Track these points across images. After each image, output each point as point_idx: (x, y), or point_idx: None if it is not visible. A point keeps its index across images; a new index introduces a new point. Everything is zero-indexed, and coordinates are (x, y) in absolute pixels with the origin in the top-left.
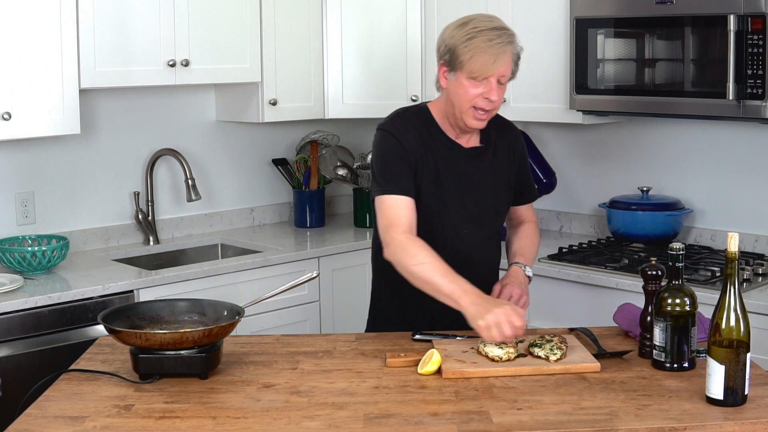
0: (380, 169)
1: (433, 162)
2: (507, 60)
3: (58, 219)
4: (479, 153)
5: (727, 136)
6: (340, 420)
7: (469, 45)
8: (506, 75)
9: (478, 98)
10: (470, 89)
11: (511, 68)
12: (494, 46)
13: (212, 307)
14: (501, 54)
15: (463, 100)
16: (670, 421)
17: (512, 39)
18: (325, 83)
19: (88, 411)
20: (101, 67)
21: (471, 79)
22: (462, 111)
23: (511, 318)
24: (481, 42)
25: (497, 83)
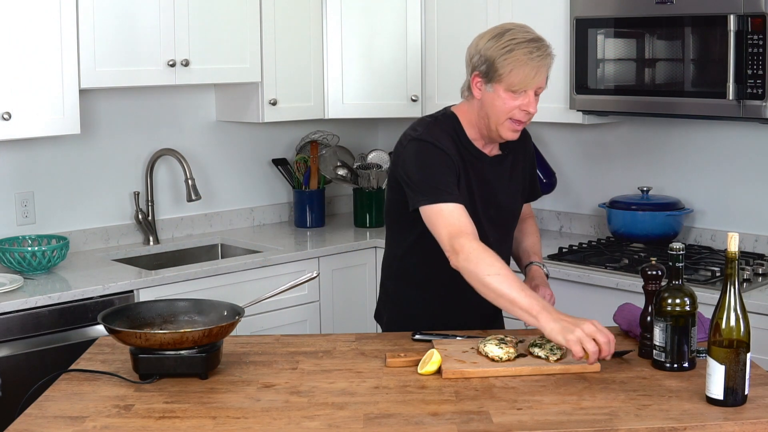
0: (427, 178)
1: (464, 171)
2: (546, 72)
3: (58, 219)
4: (501, 160)
5: (727, 136)
6: (340, 420)
7: (509, 57)
8: (543, 86)
9: (515, 110)
10: (508, 101)
11: (545, 79)
12: (535, 59)
13: (212, 307)
14: (541, 67)
15: (501, 112)
16: (670, 421)
17: (550, 51)
18: (325, 83)
19: (88, 411)
20: (101, 67)
21: (510, 91)
22: (498, 123)
23: (596, 336)
24: (522, 54)
25: (534, 95)
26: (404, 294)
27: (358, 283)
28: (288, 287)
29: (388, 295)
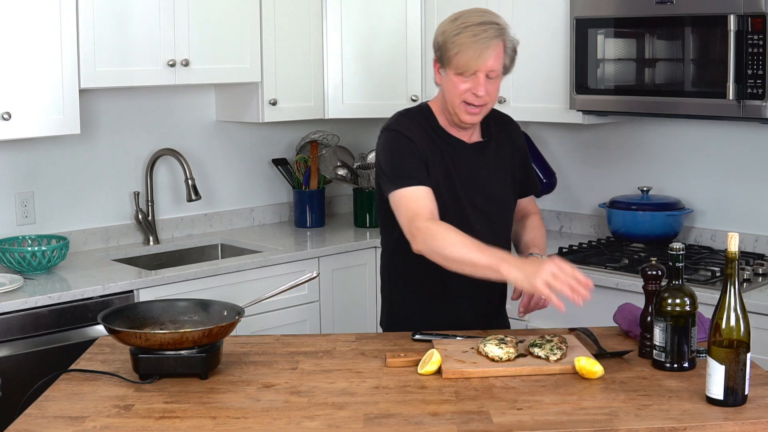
0: (392, 166)
1: (441, 159)
2: (494, 54)
3: (58, 219)
4: (483, 147)
5: (727, 136)
6: (340, 420)
7: (456, 41)
8: (495, 69)
9: (466, 93)
10: (459, 85)
11: (501, 62)
12: (479, 41)
13: (212, 307)
14: (486, 48)
15: (453, 95)
16: (670, 421)
17: (501, 32)
18: (325, 83)
19: (88, 411)
20: (101, 67)
21: (459, 74)
22: (454, 106)
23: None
24: (467, 37)
25: (486, 78)
26: (398, 293)
27: (358, 283)
28: (288, 287)
29: (384, 295)
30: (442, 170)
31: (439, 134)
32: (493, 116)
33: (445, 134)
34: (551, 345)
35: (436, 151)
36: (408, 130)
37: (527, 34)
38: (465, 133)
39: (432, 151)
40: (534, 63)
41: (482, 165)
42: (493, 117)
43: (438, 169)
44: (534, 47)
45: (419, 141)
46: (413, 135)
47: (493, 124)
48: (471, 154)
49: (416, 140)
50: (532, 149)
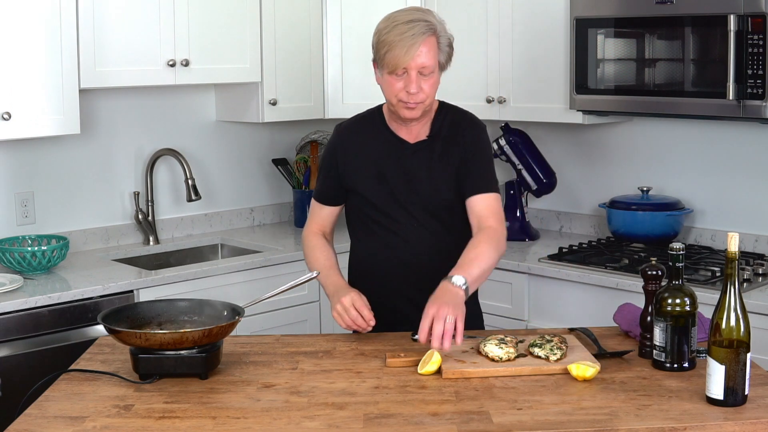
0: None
1: (375, 160)
2: (424, 50)
3: (58, 219)
4: (424, 146)
5: (727, 136)
6: (340, 420)
7: (385, 39)
8: (427, 65)
9: (401, 92)
10: (393, 84)
11: (434, 58)
12: (405, 39)
13: (212, 307)
14: (412, 46)
15: (390, 94)
16: (670, 421)
17: (428, 28)
18: (325, 83)
19: (88, 411)
20: (101, 67)
21: (391, 73)
22: (392, 104)
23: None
24: (395, 36)
25: (419, 74)
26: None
27: None
28: (288, 287)
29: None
30: (375, 170)
31: (384, 134)
32: (451, 115)
33: (390, 134)
34: (551, 345)
35: (371, 151)
36: (347, 131)
37: (527, 34)
38: (410, 132)
39: (366, 152)
40: (534, 63)
41: (422, 164)
42: (450, 116)
43: (371, 170)
44: (534, 47)
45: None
46: (349, 137)
47: (446, 123)
48: (411, 153)
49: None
50: (532, 149)
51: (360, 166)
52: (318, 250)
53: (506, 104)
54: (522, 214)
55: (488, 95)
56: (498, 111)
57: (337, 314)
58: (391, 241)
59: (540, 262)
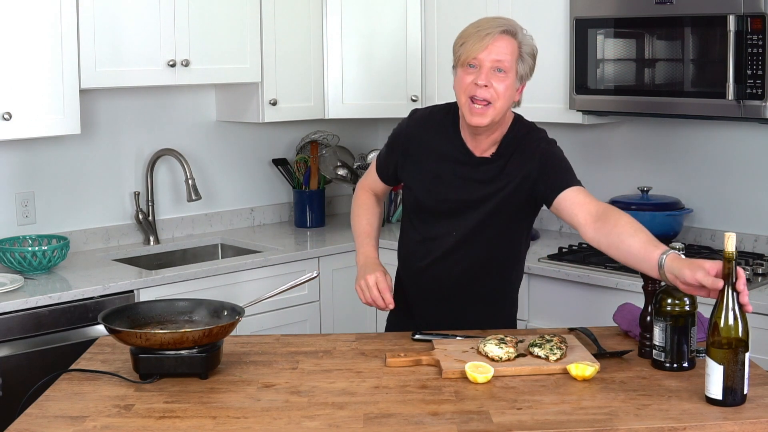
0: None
1: (435, 162)
2: (500, 46)
3: (58, 219)
4: (487, 163)
5: (727, 136)
6: (340, 420)
7: (462, 34)
8: (502, 61)
9: (471, 86)
10: (464, 78)
11: (512, 59)
12: (482, 30)
13: (212, 307)
14: (488, 36)
15: (460, 91)
16: (669, 421)
17: (509, 29)
18: (325, 83)
19: (88, 411)
20: (101, 67)
21: (464, 67)
22: (462, 105)
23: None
24: (472, 29)
25: (493, 71)
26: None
27: None
28: (288, 287)
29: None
30: (431, 173)
31: (453, 138)
32: (519, 134)
33: (458, 139)
34: (551, 345)
35: (439, 153)
36: (419, 123)
37: None
38: (478, 145)
39: (433, 152)
40: None
41: (480, 179)
42: (518, 135)
43: (428, 171)
44: None
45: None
46: (418, 130)
47: (514, 143)
48: (472, 166)
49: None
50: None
51: (419, 163)
52: (363, 209)
53: None
54: None
55: None
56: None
57: (359, 288)
58: (430, 247)
59: (540, 262)
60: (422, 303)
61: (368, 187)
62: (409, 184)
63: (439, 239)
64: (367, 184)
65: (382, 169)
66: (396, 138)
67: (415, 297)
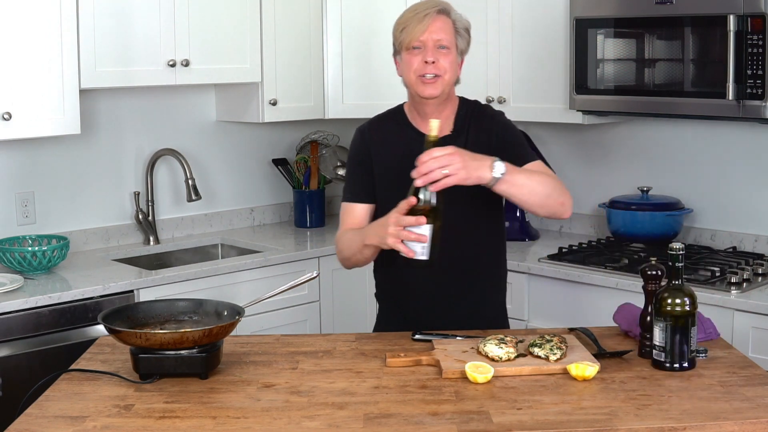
0: (345, 177)
1: (400, 156)
2: (438, 25)
3: (58, 219)
4: (450, 141)
5: (727, 136)
6: (340, 420)
7: (400, 21)
8: (443, 39)
9: (419, 66)
10: (410, 60)
11: (451, 36)
12: (419, 13)
13: (212, 307)
14: (426, 17)
15: (408, 73)
16: (669, 421)
17: (443, 8)
18: (325, 83)
19: (88, 411)
20: (101, 67)
21: (408, 50)
22: (413, 84)
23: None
24: (409, 14)
25: (437, 48)
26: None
27: (358, 283)
28: (288, 287)
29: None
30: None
31: (408, 131)
32: (470, 110)
33: (413, 130)
34: (551, 345)
35: (401, 147)
36: (365, 129)
37: (527, 34)
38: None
39: (395, 148)
40: (534, 63)
41: None
42: (469, 111)
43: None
44: (534, 47)
45: (373, 138)
46: (374, 134)
47: (467, 119)
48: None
49: (367, 136)
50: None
51: (385, 161)
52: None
53: (506, 104)
54: (522, 214)
55: (488, 95)
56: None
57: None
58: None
59: (540, 262)
60: (408, 300)
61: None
62: (383, 184)
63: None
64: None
65: (357, 191)
66: (358, 152)
67: (402, 295)
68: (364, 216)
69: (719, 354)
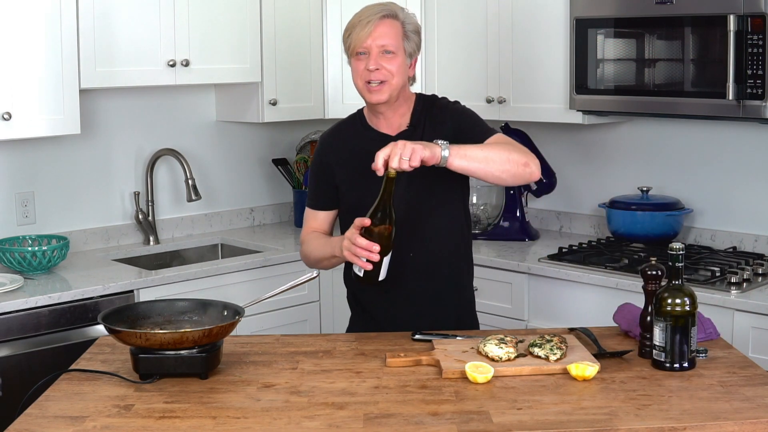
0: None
1: (360, 157)
2: (383, 30)
3: (58, 219)
4: (406, 136)
5: (727, 136)
6: (340, 420)
7: (347, 26)
8: (388, 44)
9: (364, 72)
10: (357, 66)
11: (396, 40)
12: (363, 19)
13: (212, 307)
14: (370, 23)
15: (356, 78)
16: (669, 421)
17: (388, 12)
18: (325, 83)
19: (88, 411)
20: (101, 67)
21: (355, 57)
22: (361, 89)
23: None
24: (355, 19)
25: (381, 54)
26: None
27: None
28: (288, 287)
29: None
30: (360, 168)
31: (365, 132)
32: (426, 105)
33: (371, 131)
34: (551, 345)
35: (359, 148)
36: (323, 139)
37: (527, 34)
38: (390, 125)
39: (348, 154)
40: (534, 63)
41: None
42: (426, 106)
43: (356, 168)
44: (534, 47)
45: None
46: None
47: (423, 114)
48: None
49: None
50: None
51: (346, 165)
52: (314, 240)
53: (506, 104)
54: (522, 214)
55: (488, 95)
56: (498, 111)
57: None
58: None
59: (540, 262)
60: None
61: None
62: (343, 187)
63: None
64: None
65: (317, 199)
66: (318, 161)
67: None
68: (324, 221)
69: (719, 354)
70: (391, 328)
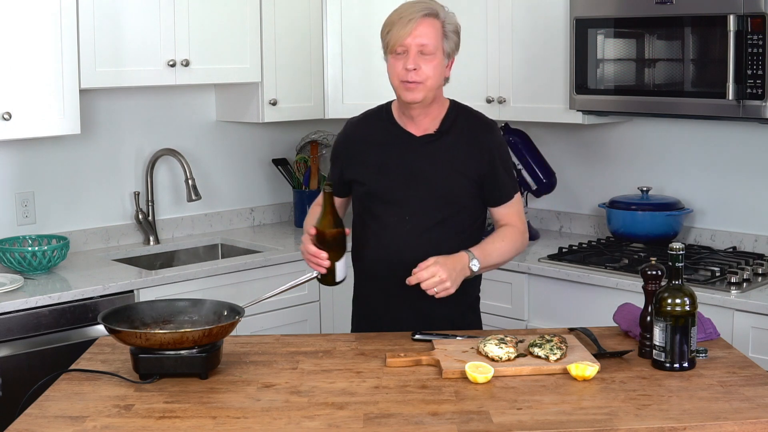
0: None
1: (379, 151)
2: (423, 29)
3: (58, 219)
4: (431, 140)
5: (727, 136)
6: (340, 420)
7: (386, 22)
8: (427, 44)
9: (402, 72)
10: (394, 64)
11: (436, 40)
12: (405, 17)
13: (212, 307)
14: (411, 21)
15: (392, 76)
16: (669, 421)
17: (430, 10)
18: (325, 83)
19: (88, 411)
20: (101, 67)
21: (393, 55)
22: (396, 88)
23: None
24: (395, 16)
25: (419, 54)
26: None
27: None
28: (288, 287)
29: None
30: (377, 162)
31: (391, 127)
32: (469, 116)
33: (397, 127)
34: (551, 345)
35: (381, 142)
36: (347, 127)
37: (527, 34)
38: (418, 126)
39: (369, 145)
40: (534, 63)
41: (426, 157)
42: (468, 116)
43: (374, 161)
44: (534, 47)
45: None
46: (355, 129)
47: (461, 122)
48: (416, 146)
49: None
50: (532, 149)
51: (364, 157)
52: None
53: (506, 104)
54: None
55: (488, 95)
56: (498, 111)
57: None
58: (382, 237)
59: (540, 262)
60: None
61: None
62: (358, 179)
63: (391, 228)
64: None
65: (333, 181)
66: (336, 147)
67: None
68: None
69: (719, 354)
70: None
